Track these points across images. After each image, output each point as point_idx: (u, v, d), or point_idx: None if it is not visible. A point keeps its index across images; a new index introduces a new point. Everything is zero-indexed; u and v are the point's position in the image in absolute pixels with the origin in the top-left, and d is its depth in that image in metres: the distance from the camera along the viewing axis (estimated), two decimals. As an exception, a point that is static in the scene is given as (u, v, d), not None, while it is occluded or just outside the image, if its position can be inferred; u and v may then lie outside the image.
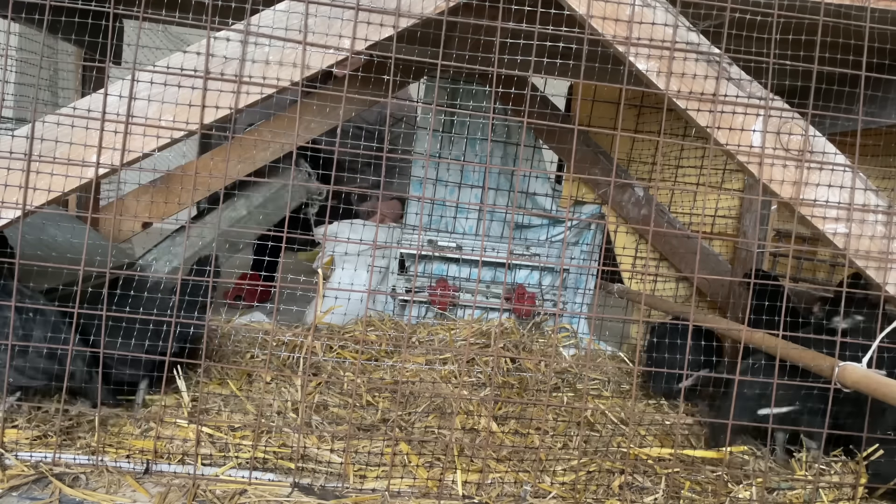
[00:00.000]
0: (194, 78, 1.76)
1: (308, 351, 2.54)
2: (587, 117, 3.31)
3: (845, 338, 1.99)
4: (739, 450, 2.21)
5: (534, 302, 3.29)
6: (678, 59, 1.82)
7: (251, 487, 1.72)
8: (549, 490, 1.84)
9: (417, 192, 3.36)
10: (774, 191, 1.87)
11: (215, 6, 1.76)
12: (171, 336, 1.99)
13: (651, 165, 3.46)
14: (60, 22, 1.94)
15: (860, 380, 1.74)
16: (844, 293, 1.96)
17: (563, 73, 2.26)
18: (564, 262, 3.34)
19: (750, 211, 3.29)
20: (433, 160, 3.35)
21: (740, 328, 2.33)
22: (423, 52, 2.41)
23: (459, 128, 3.41)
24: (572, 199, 3.43)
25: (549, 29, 1.83)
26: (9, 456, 1.72)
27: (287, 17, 1.79)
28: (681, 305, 3.15)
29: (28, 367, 1.82)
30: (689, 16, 1.86)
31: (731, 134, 1.85)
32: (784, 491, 1.97)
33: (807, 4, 1.88)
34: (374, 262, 3.41)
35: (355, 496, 1.73)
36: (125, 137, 1.76)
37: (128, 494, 1.65)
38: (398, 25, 1.79)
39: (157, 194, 2.91)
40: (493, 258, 3.35)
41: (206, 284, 2.28)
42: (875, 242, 1.88)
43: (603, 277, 3.42)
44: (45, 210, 1.84)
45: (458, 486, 1.81)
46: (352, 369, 2.58)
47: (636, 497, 1.87)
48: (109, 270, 1.79)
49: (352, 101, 3.03)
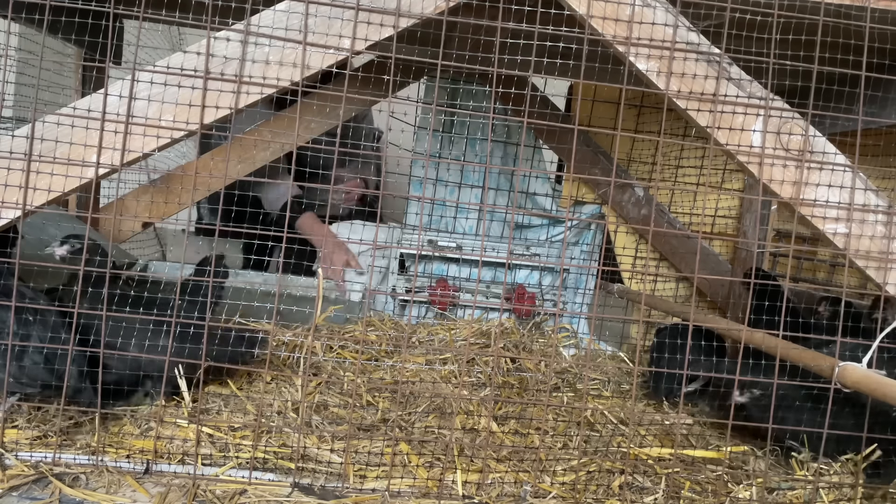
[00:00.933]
0: (194, 78, 1.77)
1: (308, 351, 2.54)
2: (587, 117, 3.31)
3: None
4: (739, 450, 2.22)
5: (534, 302, 3.29)
6: (678, 59, 1.82)
7: (251, 487, 1.72)
8: (549, 490, 1.84)
9: (417, 192, 3.35)
10: (774, 191, 1.87)
11: (215, 6, 1.76)
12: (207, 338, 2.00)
13: (651, 165, 3.45)
14: (60, 22, 1.94)
15: (860, 380, 1.74)
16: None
17: (563, 73, 2.26)
18: (564, 262, 3.34)
19: (750, 211, 3.29)
20: (433, 160, 3.35)
21: (740, 328, 2.33)
22: (423, 52, 2.41)
23: (459, 128, 3.41)
24: (572, 199, 3.43)
25: (549, 29, 1.83)
26: (9, 456, 1.72)
27: (287, 17, 1.79)
28: (681, 305, 3.15)
29: (24, 375, 1.82)
30: (689, 16, 1.86)
31: (731, 134, 1.85)
32: (784, 491, 1.97)
33: (807, 4, 1.88)
34: (369, 262, 3.42)
35: (355, 496, 1.73)
36: (125, 137, 1.76)
37: (128, 494, 1.65)
38: (398, 25, 1.79)
39: (157, 194, 2.91)
40: (493, 258, 3.35)
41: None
42: (875, 242, 1.88)
43: (603, 277, 3.42)
44: (45, 210, 1.84)
45: (458, 486, 1.81)
46: (352, 369, 2.58)
47: (636, 497, 1.86)
48: (109, 270, 1.79)
49: (352, 101, 3.03)
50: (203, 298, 2.24)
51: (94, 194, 3.11)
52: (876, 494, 1.98)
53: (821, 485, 1.95)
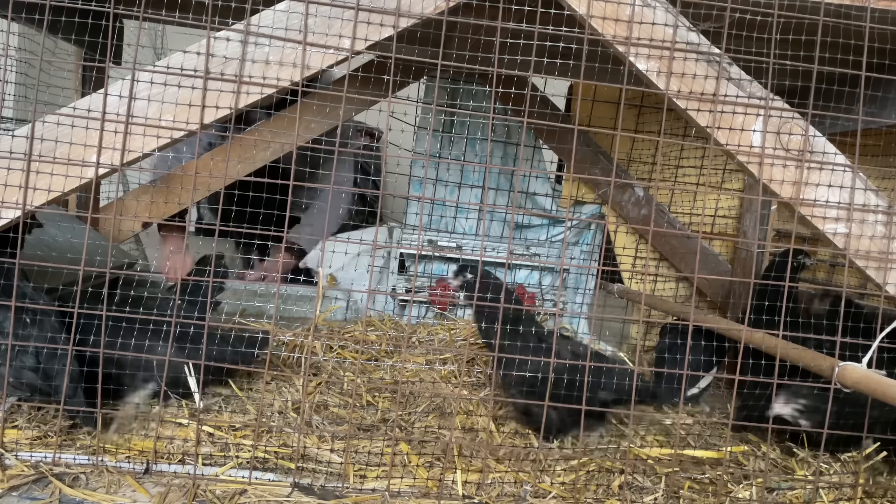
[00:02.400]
0: (194, 78, 1.76)
1: (308, 351, 2.54)
2: (587, 117, 3.31)
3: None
4: (739, 450, 2.21)
5: (534, 302, 3.29)
6: (678, 59, 1.82)
7: (251, 487, 1.72)
8: (549, 490, 1.84)
9: (417, 192, 3.35)
10: (774, 191, 1.87)
11: (215, 6, 1.76)
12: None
13: (651, 165, 3.46)
14: (60, 22, 1.93)
15: (860, 380, 1.74)
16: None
17: (563, 73, 2.26)
18: (564, 262, 3.34)
19: (750, 211, 3.29)
20: (433, 160, 3.35)
21: (740, 328, 2.33)
22: (423, 52, 2.41)
23: (459, 128, 3.41)
24: (572, 199, 3.43)
25: (549, 29, 1.83)
26: (9, 456, 1.72)
27: (287, 17, 1.79)
28: (681, 305, 3.15)
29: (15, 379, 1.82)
30: (689, 16, 1.86)
31: (731, 134, 1.85)
32: (784, 491, 1.97)
33: (807, 4, 1.88)
34: (363, 263, 3.42)
35: (355, 496, 1.73)
36: (125, 137, 1.76)
37: (128, 494, 1.65)
38: (398, 25, 1.79)
39: (157, 194, 2.90)
40: (493, 258, 3.35)
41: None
42: (875, 242, 1.88)
43: (603, 277, 3.42)
44: (45, 210, 1.84)
45: (458, 486, 1.81)
46: (352, 369, 2.58)
47: (636, 497, 1.86)
48: (109, 270, 1.79)
49: (352, 101, 3.03)
50: (203, 298, 2.24)
51: (94, 194, 3.11)
52: (876, 494, 1.98)
53: (821, 485, 1.95)
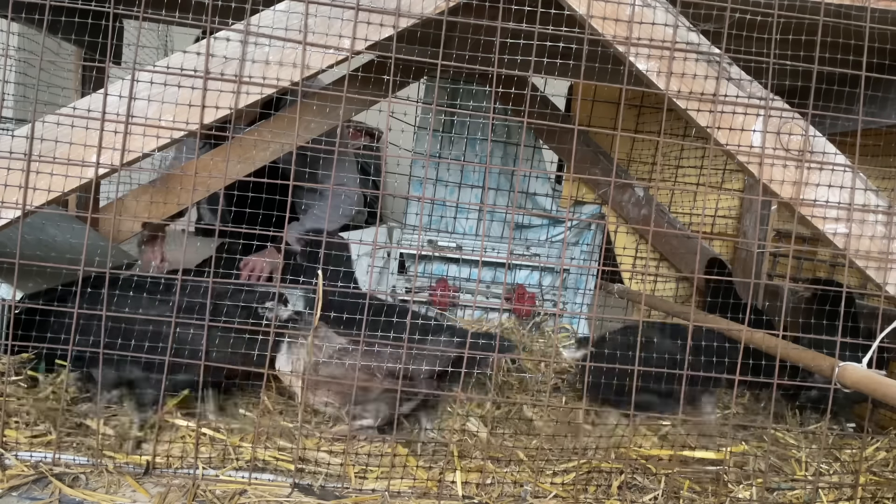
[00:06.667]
0: (194, 78, 1.76)
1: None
2: (587, 117, 3.31)
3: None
4: (739, 450, 2.21)
5: (534, 302, 3.30)
6: (678, 60, 1.82)
7: (251, 487, 1.72)
8: (549, 490, 1.84)
9: (417, 192, 3.35)
10: (774, 191, 1.87)
11: (215, 6, 1.76)
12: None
13: (651, 165, 3.46)
14: (60, 22, 1.93)
15: (860, 380, 1.74)
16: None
17: (563, 73, 2.26)
18: (564, 262, 3.34)
19: (750, 211, 3.29)
20: (433, 160, 3.35)
21: (740, 328, 2.33)
22: (423, 52, 2.41)
23: (459, 128, 3.41)
24: (572, 199, 3.43)
25: (549, 29, 1.83)
26: (9, 456, 1.72)
27: (287, 17, 1.79)
28: (681, 305, 3.15)
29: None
30: (689, 16, 1.86)
31: (731, 134, 1.85)
32: (784, 491, 1.97)
33: (807, 4, 1.88)
34: (363, 263, 3.41)
35: (355, 496, 1.73)
36: (125, 137, 1.76)
37: (128, 494, 1.65)
38: (398, 25, 1.79)
39: (156, 194, 2.90)
40: (493, 258, 3.36)
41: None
42: (875, 242, 1.88)
43: (603, 277, 3.42)
44: (45, 210, 1.83)
45: (458, 487, 1.81)
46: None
47: (635, 497, 1.86)
48: (109, 270, 1.79)
49: (352, 101, 3.03)
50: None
51: (94, 194, 3.11)
52: (877, 494, 1.98)
53: (820, 485, 1.95)
